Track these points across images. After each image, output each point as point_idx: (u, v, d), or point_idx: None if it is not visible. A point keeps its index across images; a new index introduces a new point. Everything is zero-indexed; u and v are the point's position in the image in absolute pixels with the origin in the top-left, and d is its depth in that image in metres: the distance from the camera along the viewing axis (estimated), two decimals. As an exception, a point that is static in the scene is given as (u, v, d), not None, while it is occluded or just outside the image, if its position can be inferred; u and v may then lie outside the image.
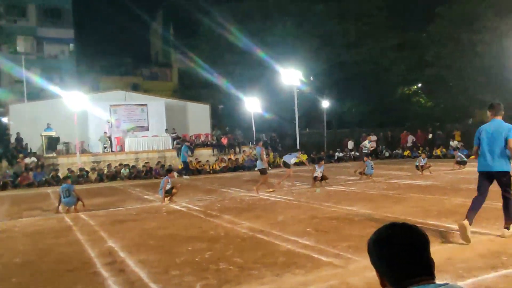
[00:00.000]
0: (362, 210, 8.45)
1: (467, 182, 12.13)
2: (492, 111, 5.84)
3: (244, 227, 7.49)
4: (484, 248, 5.28)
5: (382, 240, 1.33)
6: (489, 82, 23.70)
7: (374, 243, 1.35)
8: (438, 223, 6.88)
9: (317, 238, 6.31)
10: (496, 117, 5.79)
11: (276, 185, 13.39)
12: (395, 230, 1.34)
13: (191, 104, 26.40)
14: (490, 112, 5.90)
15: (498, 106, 5.83)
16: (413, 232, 1.34)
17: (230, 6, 28.90)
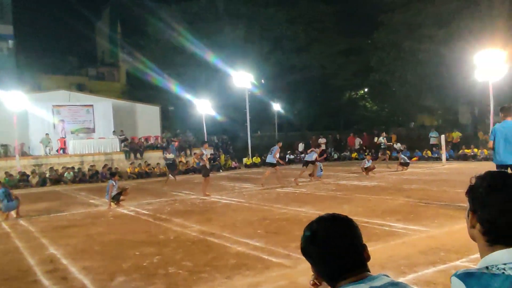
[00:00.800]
0: (311, 211, 8.62)
1: (409, 182, 12.77)
2: (504, 113, 6.72)
3: (194, 230, 7.39)
4: (424, 245, 5.56)
5: (310, 236, 1.31)
6: (429, 88, 25.12)
7: (302, 241, 1.34)
8: (382, 222, 7.17)
9: (267, 239, 6.36)
10: (507, 118, 6.67)
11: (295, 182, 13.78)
12: (320, 224, 1.32)
13: (140, 105, 25.72)
14: (502, 113, 6.77)
15: (509, 109, 6.73)
16: (340, 223, 1.33)
17: (180, 7, 28.54)
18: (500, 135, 6.61)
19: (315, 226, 1.33)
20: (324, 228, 1.31)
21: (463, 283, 1.19)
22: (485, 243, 1.25)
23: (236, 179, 17.06)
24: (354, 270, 1.28)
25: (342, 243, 1.28)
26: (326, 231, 1.29)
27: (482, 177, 1.28)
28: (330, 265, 1.28)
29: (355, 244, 1.30)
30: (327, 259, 1.27)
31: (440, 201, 8.90)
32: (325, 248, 1.27)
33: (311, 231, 1.32)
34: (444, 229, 6.42)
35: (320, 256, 1.29)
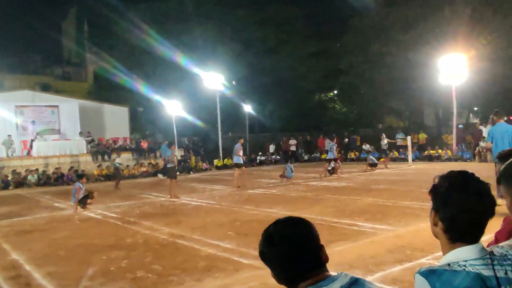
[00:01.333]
0: (282, 211, 8.67)
1: (377, 183, 13.06)
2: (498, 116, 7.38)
3: (164, 233, 7.28)
4: (391, 244, 5.69)
5: (267, 239, 1.30)
6: (396, 91, 25.79)
7: (260, 245, 1.33)
8: (351, 222, 7.29)
9: (238, 241, 6.35)
10: (500, 121, 7.32)
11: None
12: (277, 227, 1.32)
13: (108, 106, 25.12)
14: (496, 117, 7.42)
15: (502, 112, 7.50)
16: (297, 225, 1.33)
17: (149, 6, 28.10)
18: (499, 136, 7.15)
19: (271, 229, 1.33)
20: (280, 230, 1.31)
21: (426, 280, 1.22)
22: (446, 240, 1.29)
23: (206, 181, 16.96)
24: (312, 271, 1.28)
25: (299, 244, 1.28)
26: (283, 234, 1.30)
27: (444, 176, 1.31)
28: (288, 267, 1.28)
29: (312, 245, 1.31)
30: (285, 261, 1.27)
31: (406, 201, 9.15)
32: (282, 250, 1.27)
33: (268, 234, 1.32)
34: (410, 228, 6.59)
35: (277, 259, 1.28)
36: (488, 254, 1.25)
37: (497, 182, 1.41)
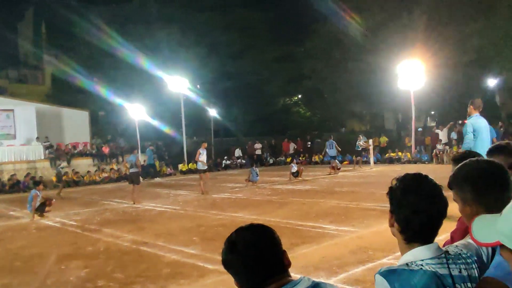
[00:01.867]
0: (247, 216, 8.66)
1: (341, 185, 13.31)
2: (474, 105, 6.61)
3: (126, 240, 7.09)
4: (354, 245, 5.80)
5: (229, 247, 1.31)
6: (358, 95, 26.46)
7: (223, 253, 1.33)
8: (315, 224, 7.38)
9: (203, 246, 6.28)
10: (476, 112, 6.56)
11: None
12: (239, 234, 1.32)
13: (67, 110, 24.23)
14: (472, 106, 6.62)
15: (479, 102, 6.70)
16: (259, 231, 1.34)
17: (110, 8, 27.45)
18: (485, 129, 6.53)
19: (234, 236, 1.33)
20: (242, 237, 1.31)
21: (385, 280, 1.24)
22: (403, 241, 1.32)
23: (171, 186, 16.70)
24: (275, 276, 1.29)
25: (262, 251, 1.28)
26: (245, 240, 1.30)
27: (400, 179, 1.35)
28: (252, 274, 1.28)
29: (274, 251, 1.31)
30: (248, 268, 1.27)
31: (369, 202, 9.37)
32: (244, 257, 1.27)
33: (231, 241, 1.32)
34: (372, 229, 6.75)
35: (240, 266, 1.28)
36: (443, 254, 1.30)
37: (449, 186, 1.46)
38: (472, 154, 2.08)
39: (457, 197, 1.43)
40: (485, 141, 6.18)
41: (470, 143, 6.23)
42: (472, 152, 2.25)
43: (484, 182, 1.36)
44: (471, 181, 1.39)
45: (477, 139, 6.22)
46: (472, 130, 6.27)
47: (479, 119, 6.36)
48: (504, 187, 1.37)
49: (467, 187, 1.39)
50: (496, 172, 1.39)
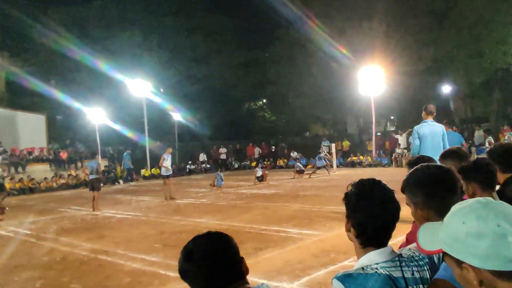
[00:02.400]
0: (211, 221, 8.58)
1: (304, 189, 13.47)
2: (427, 112, 6.67)
3: (84, 249, 6.84)
4: (317, 248, 5.87)
5: (185, 256, 1.29)
6: (321, 100, 26.96)
7: (179, 262, 1.31)
8: (279, 228, 7.41)
9: (165, 253, 6.15)
10: (428, 118, 6.60)
11: None
12: (196, 243, 1.31)
13: (22, 114, 23.13)
14: (425, 112, 6.68)
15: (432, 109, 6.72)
16: (216, 239, 1.33)
17: (69, 9, 26.57)
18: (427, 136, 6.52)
19: (191, 245, 1.31)
20: (200, 246, 1.29)
21: (342, 284, 1.26)
22: (359, 245, 1.35)
23: (133, 192, 16.30)
24: (233, 284, 1.28)
25: (218, 259, 1.27)
26: (201, 249, 1.28)
27: (354, 185, 1.38)
28: (208, 283, 1.26)
29: (232, 258, 1.30)
30: (204, 277, 1.26)
31: (331, 206, 9.52)
32: (201, 266, 1.25)
33: (187, 250, 1.30)
34: (334, 232, 6.86)
35: (197, 275, 1.26)
36: (397, 257, 1.33)
37: (402, 191, 1.51)
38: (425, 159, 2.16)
39: (409, 201, 1.48)
40: (429, 147, 6.28)
41: (415, 149, 6.44)
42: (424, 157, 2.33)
43: (434, 187, 1.40)
44: (422, 185, 1.43)
45: (423, 145, 6.38)
46: (417, 137, 6.45)
47: (424, 126, 6.49)
48: (452, 191, 1.43)
49: (418, 192, 1.44)
50: (445, 177, 1.45)
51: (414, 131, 6.50)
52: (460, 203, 1.03)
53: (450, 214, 1.02)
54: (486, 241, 0.91)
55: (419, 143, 6.42)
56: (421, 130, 6.45)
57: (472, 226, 0.94)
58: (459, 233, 0.95)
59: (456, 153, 2.46)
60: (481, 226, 0.93)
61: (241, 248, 4.63)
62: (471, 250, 0.93)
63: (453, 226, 0.98)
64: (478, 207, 0.97)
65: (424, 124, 6.53)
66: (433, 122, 6.57)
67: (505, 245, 0.90)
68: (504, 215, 0.94)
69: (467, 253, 0.94)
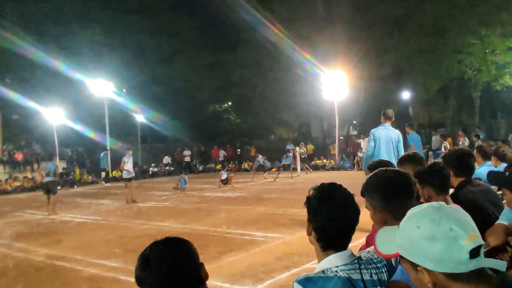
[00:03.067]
0: (174, 225, 8.45)
1: (269, 192, 13.53)
2: (384, 117, 6.82)
3: (40, 254, 6.56)
4: (280, 251, 5.90)
5: (142, 263, 1.25)
6: (286, 104, 27.24)
7: (136, 270, 1.27)
8: (243, 232, 7.40)
9: (126, 258, 5.99)
10: (387, 122, 6.75)
11: None
12: (153, 249, 1.27)
13: (-26, 113, 22.03)
14: (383, 117, 6.83)
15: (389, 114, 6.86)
16: (174, 245, 1.30)
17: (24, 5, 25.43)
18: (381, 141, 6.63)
19: (148, 251, 1.27)
20: (157, 252, 1.25)
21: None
22: (319, 249, 1.36)
23: (92, 195, 15.81)
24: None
25: (176, 265, 1.24)
26: (159, 255, 1.24)
27: (316, 189, 1.40)
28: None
29: (191, 264, 1.28)
30: (162, 284, 1.22)
31: (295, 209, 9.61)
32: (158, 272, 1.22)
33: (144, 257, 1.25)
34: (298, 234, 6.92)
35: (154, 282, 1.22)
36: (356, 259, 1.35)
37: (361, 194, 1.54)
38: (384, 163, 2.22)
39: (368, 204, 1.52)
40: (384, 150, 6.48)
41: (369, 150, 6.62)
42: (384, 161, 2.40)
43: (391, 191, 1.45)
44: (380, 189, 1.47)
45: (377, 147, 6.54)
46: (372, 139, 6.63)
47: (379, 129, 6.67)
48: (408, 196, 1.48)
49: (377, 195, 1.48)
50: (402, 182, 1.50)
51: (370, 133, 6.67)
52: (415, 208, 1.06)
53: (405, 218, 1.05)
54: (439, 245, 0.94)
55: (374, 145, 6.59)
56: (376, 133, 6.62)
57: (426, 230, 0.97)
58: (414, 237, 0.98)
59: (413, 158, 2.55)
60: (434, 230, 0.96)
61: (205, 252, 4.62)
62: (425, 254, 0.96)
63: (408, 230, 1.01)
64: (431, 212, 1.00)
65: (380, 127, 6.69)
66: (390, 126, 6.72)
67: (457, 248, 0.93)
68: (456, 219, 0.97)
69: (421, 256, 0.97)
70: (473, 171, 2.82)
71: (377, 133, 6.61)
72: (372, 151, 6.58)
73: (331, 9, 23.55)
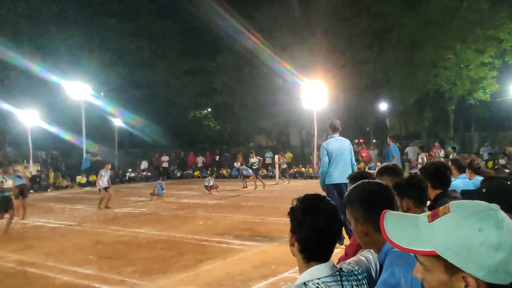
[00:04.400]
0: (151, 231, 8.32)
1: (247, 200, 13.51)
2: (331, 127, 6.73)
3: (10, 260, 6.34)
4: (258, 260, 5.88)
5: None
6: (265, 112, 27.36)
7: None
8: (221, 239, 7.35)
9: (100, 265, 5.86)
10: (335, 134, 6.62)
11: None
12: None
13: None
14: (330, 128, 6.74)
15: (335, 124, 6.76)
16: None
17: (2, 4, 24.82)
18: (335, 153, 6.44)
19: None
20: None
21: None
22: (302, 260, 1.36)
23: (67, 200, 15.42)
24: None
25: None
26: None
27: (300, 199, 1.40)
28: None
29: None
30: None
31: (273, 217, 9.63)
32: None
33: None
34: (276, 243, 6.92)
35: None
36: (337, 271, 1.36)
37: (343, 206, 1.56)
38: (365, 175, 2.25)
39: (350, 215, 1.53)
40: (340, 162, 6.31)
41: (324, 166, 6.42)
42: (364, 173, 2.43)
43: (374, 203, 1.47)
44: (363, 201, 1.49)
45: (333, 161, 6.35)
46: (325, 154, 6.42)
47: (331, 142, 6.50)
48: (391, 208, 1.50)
49: (359, 207, 1.49)
50: (383, 194, 1.52)
51: (323, 148, 6.44)
52: (462, 204, 0.93)
53: (459, 216, 0.90)
54: (501, 254, 0.84)
55: (328, 160, 6.39)
56: (329, 147, 6.42)
57: (492, 237, 0.84)
58: (472, 241, 0.85)
59: (392, 169, 2.60)
60: (502, 237, 0.84)
61: (182, 260, 4.59)
62: (480, 261, 0.84)
63: (464, 231, 0.87)
64: (494, 215, 0.87)
65: (331, 139, 6.52)
66: (340, 137, 6.59)
67: None
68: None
69: (473, 263, 0.85)
70: (449, 183, 2.89)
71: (330, 147, 6.42)
72: (327, 166, 6.37)
73: (311, 19, 23.85)
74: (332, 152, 6.39)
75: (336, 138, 6.56)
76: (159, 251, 6.50)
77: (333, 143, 6.48)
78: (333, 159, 6.38)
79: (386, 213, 1.01)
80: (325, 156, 6.42)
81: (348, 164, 6.43)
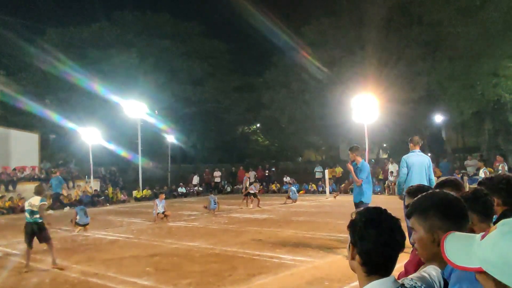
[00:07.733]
0: (204, 245, 8.49)
1: (297, 215, 13.41)
2: (413, 142, 7.06)
3: (74, 271, 6.72)
4: (310, 275, 5.82)
5: None
6: (314, 126, 27.18)
7: None
8: (272, 254, 7.35)
9: (157, 277, 6.06)
10: (415, 148, 7.00)
11: None
12: None
13: (15, 132, 22.97)
14: (411, 143, 7.07)
15: (418, 139, 7.12)
16: None
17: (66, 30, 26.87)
18: (415, 167, 6.78)
19: None
20: None
21: None
22: (363, 273, 1.36)
23: (124, 213, 16.11)
24: None
25: None
26: None
27: (361, 213, 1.41)
28: None
29: None
30: None
31: (324, 232, 9.48)
32: None
33: None
34: (328, 259, 6.82)
35: None
36: (399, 286, 1.35)
37: (407, 216, 1.53)
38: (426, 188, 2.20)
39: (419, 226, 1.46)
40: (416, 176, 6.66)
41: (403, 177, 6.83)
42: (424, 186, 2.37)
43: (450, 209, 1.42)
44: (438, 209, 1.43)
45: (410, 174, 6.75)
46: (405, 166, 6.86)
47: (412, 156, 6.90)
48: (466, 217, 1.46)
49: (434, 215, 1.43)
50: (459, 202, 1.48)
51: (403, 160, 6.91)
52: (507, 222, 0.94)
53: (499, 233, 0.92)
54: None
55: (406, 172, 6.79)
56: (409, 160, 6.84)
57: None
58: None
59: (454, 182, 2.51)
60: None
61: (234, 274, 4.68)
62: None
63: (506, 248, 0.88)
64: None
65: (412, 154, 6.92)
66: (420, 152, 6.98)
67: None
68: None
69: None
70: None
71: (410, 160, 6.82)
72: (405, 177, 6.77)
73: (361, 32, 23.57)
74: (411, 165, 6.78)
75: (417, 153, 6.93)
76: (212, 265, 6.62)
77: (414, 157, 6.86)
78: (411, 172, 6.75)
79: (449, 234, 1.07)
80: (404, 168, 6.86)
81: (424, 179, 6.65)
